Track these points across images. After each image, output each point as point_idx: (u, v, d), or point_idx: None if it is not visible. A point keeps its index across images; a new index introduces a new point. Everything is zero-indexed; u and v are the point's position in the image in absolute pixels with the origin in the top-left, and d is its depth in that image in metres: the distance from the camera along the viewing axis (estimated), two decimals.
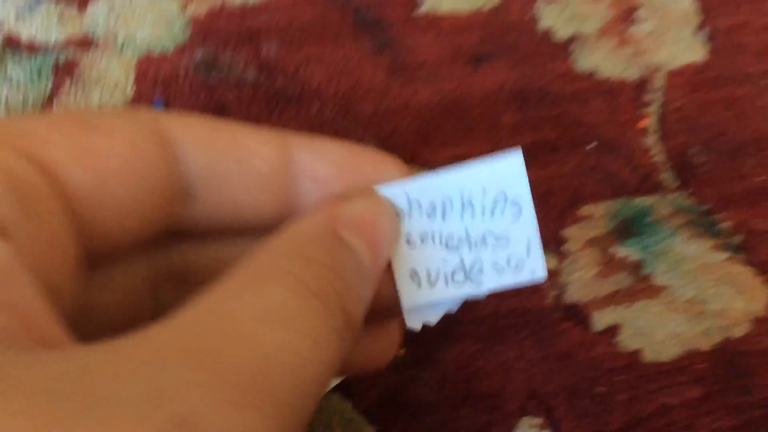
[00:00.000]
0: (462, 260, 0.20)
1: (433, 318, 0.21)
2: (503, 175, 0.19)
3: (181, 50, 0.32)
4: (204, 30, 0.33)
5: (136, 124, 0.16)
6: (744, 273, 0.29)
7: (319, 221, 0.17)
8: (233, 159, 0.17)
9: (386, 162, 0.19)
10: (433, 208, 0.20)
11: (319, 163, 0.18)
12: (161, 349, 0.13)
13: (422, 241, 0.20)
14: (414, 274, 0.20)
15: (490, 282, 0.20)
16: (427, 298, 0.20)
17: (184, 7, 0.34)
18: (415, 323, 0.21)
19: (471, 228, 0.20)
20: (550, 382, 0.26)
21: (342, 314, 0.15)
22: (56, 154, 0.15)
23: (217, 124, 0.17)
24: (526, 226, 0.20)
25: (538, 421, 0.26)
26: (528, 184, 0.19)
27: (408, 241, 0.20)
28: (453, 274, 0.20)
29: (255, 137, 0.18)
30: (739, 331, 0.28)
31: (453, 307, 0.21)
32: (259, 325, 0.14)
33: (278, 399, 0.13)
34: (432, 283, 0.20)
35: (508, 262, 0.20)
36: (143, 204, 0.16)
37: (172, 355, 0.12)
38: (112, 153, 0.15)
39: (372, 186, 0.19)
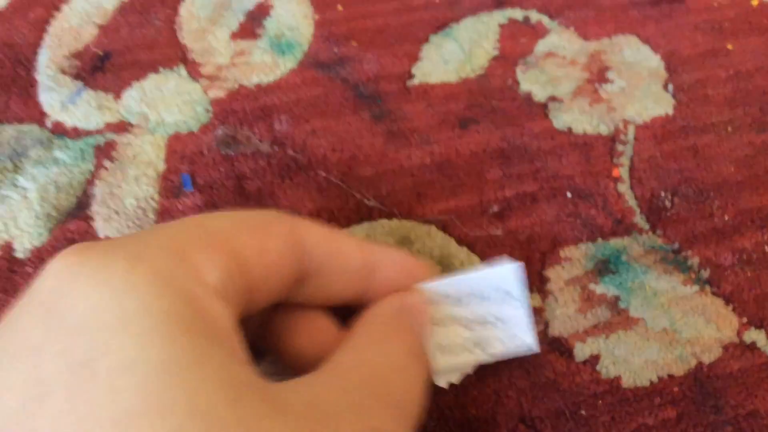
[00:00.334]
0: (477, 336, 0.27)
1: (455, 379, 0.28)
2: (508, 278, 0.27)
3: (205, 129, 0.37)
4: (224, 110, 0.38)
5: (286, 228, 0.23)
6: (713, 304, 0.32)
7: (397, 305, 0.25)
8: (335, 259, 0.24)
9: (426, 268, 0.27)
10: (459, 299, 0.27)
11: (390, 269, 0.26)
12: (346, 381, 0.20)
13: (449, 322, 0.27)
14: (441, 347, 0.27)
15: (497, 351, 0.28)
16: (451, 363, 0.27)
17: (206, 90, 0.39)
18: (442, 383, 0.28)
19: (485, 313, 0.27)
20: (537, 408, 0.29)
21: (426, 364, 0.24)
22: (245, 252, 0.21)
23: (329, 232, 0.24)
24: (523, 314, 0.27)
25: None
26: (524, 285, 0.28)
27: (439, 323, 0.27)
28: (470, 345, 0.27)
29: (351, 245, 0.25)
30: (709, 357, 0.31)
31: (470, 369, 0.29)
32: (394, 371, 0.22)
33: (415, 416, 0.22)
34: (455, 353, 0.27)
35: (510, 337, 0.28)
36: (282, 285, 0.23)
37: (355, 386, 0.20)
38: (273, 251, 0.22)
39: (419, 284, 0.27)
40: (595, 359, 0.31)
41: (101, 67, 0.39)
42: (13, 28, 0.40)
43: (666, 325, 0.31)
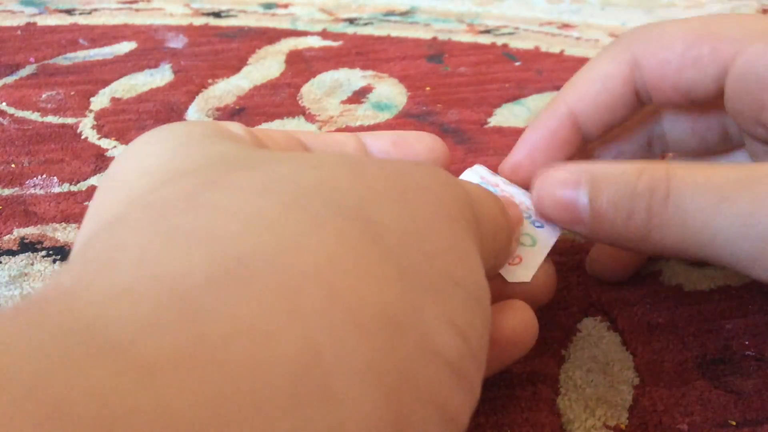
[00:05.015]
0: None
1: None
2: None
3: None
4: None
5: (281, 131, 0.26)
6: None
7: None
8: (331, 145, 0.27)
9: (424, 137, 0.28)
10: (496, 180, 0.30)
11: (379, 142, 0.28)
12: None
13: None
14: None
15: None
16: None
17: (320, 128, 0.48)
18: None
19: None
20: (606, 296, 0.32)
21: None
22: (258, 134, 0.24)
23: (322, 135, 0.27)
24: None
25: (598, 318, 0.31)
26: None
27: None
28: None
29: (340, 134, 0.28)
30: None
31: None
32: None
33: None
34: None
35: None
36: None
37: None
38: (280, 139, 0.25)
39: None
40: (657, 273, 0.34)
41: (237, 114, 0.49)
42: (171, 94, 0.51)
43: None
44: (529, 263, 0.26)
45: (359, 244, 0.15)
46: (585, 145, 0.31)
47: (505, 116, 0.49)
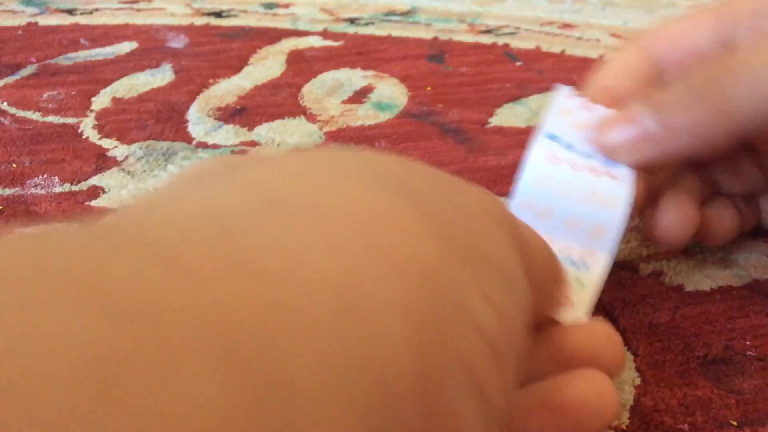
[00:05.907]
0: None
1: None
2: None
3: (319, 145, 0.45)
4: (334, 137, 0.46)
5: None
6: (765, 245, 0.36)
7: None
8: None
9: None
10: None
11: None
12: None
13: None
14: None
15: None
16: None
17: (321, 128, 0.48)
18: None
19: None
20: (606, 296, 0.32)
21: None
22: None
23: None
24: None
25: (599, 318, 0.31)
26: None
27: None
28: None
29: None
30: (764, 274, 0.34)
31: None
32: None
33: None
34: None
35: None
36: None
37: None
38: None
39: None
40: (658, 273, 0.34)
41: (238, 114, 0.49)
42: (172, 94, 0.51)
43: (723, 255, 0.35)
44: (580, 304, 0.26)
45: (395, 201, 0.15)
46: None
47: (506, 116, 0.49)
